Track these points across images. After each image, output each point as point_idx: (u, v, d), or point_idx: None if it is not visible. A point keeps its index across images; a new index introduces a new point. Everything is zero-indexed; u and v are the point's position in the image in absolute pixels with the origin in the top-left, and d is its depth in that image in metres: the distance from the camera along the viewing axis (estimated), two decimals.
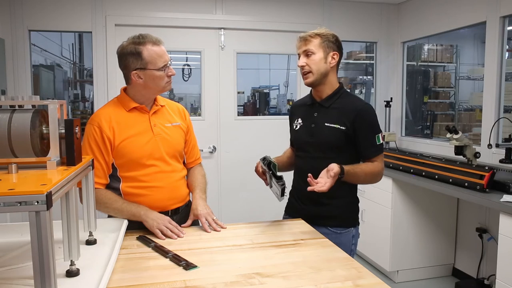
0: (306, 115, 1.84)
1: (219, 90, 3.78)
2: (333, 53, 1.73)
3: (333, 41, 1.74)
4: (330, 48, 1.73)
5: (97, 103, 3.48)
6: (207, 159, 3.71)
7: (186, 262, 1.28)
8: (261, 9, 3.78)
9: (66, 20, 3.39)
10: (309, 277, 1.19)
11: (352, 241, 1.80)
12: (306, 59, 1.73)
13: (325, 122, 1.74)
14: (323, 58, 1.72)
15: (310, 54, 1.71)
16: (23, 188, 0.86)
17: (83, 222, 1.30)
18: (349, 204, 1.82)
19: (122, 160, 1.61)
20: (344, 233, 1.77)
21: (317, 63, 1.71)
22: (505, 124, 2.99)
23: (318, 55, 1.71)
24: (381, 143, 1.75)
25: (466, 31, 5.04)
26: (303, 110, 1.87)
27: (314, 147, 1.77)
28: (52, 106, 1.06)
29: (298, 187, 1.84)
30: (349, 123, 1.70)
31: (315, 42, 1.71)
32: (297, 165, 1.89)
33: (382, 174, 1.78)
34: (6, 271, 1.14)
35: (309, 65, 1.72)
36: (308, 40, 1.72)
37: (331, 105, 1.77)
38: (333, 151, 1.73)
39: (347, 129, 1.71)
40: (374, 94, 4.25)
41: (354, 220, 1.82)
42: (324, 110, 1.77)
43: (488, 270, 2.97)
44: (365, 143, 1.73)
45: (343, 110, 1.74)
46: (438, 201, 3.24)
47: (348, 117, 1.71)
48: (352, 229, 1.79)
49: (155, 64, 1.58)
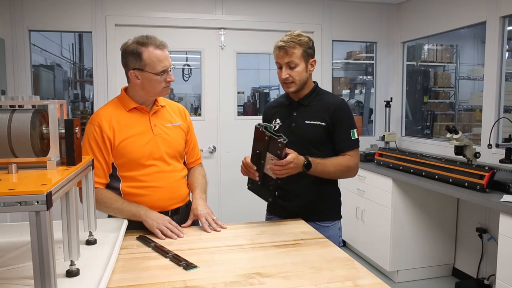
0: (284, 115, 1.87)
1: (219, 90, 3.78)
2: (312, 60, 1.78)
3: (311, 47, 1.77)
4: (309, 55, 1.76)
5: (97, 103, 3.48)
6: (207, 159, 3.71)
7: (186, 262, 1.28)
8: (261, 9, 3.78)
9: (66, 20, 3.39)
10: (309, 277, 1.19)
11: (339, 233, 1.87)
12: (289, 70, 1.74)
13: (305, 120, 1.79)
14: (305, 68, 1.76)
15: (294, 66, 1.73)
16: (23, 188, 0.86)
17: (83, 222, 1.30)
18: (333, 197, 1.88)
19: (122, 160, 1.61)
20: (332, 226, 1.83)
21: (300, 74, 1.75)
22: (505, 124, 2.99)
23: (301, 66, 1.74)
24: (356, 138, 1.79)
25: (466, 31, 5.04)
26: (280, 111, 1.90)
27: (296, 145, 1.74)
28: (52, 106, 1.06)
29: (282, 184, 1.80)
30: (328, 118, 1.76)
31: (297, 53, 1.72)
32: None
33: (357, 170, 1.82)
34: (6, 271, 1.14)
35: (292, 77, 1.74)
36: (289, 51, 1.72)
37: (309, 103, 1.82)
38: (315, 147, 1.77)
39: (327, 124, 1.76)
40: (374, 94, 4.26)
41: (339, 212, 1.89)
42: (303, 109, 1.82)
43: (488, 270, 2.97)
44: (340, 137, 1.77)
45: (321, 106, 1.79)
46: (438, 201, 3.24)
47: (327, 112, 1.76)
48: (338, 222, 1.87)
49: (153, 67, 1.57)
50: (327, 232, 1.71)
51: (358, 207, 3.56)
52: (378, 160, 3.45)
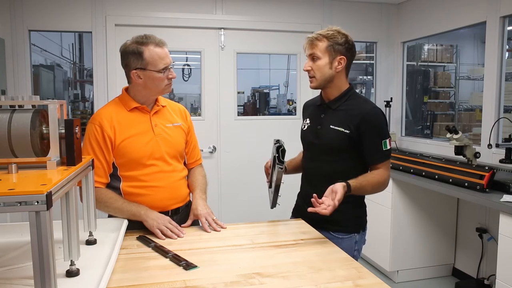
0: (314, 116, 1.81)
1: (219, 90, 3.78)
2: (340, 58, 1.65)
3: (342, 44, 1.65)
4: (337, 52, 1.65)
5: (97, 103, 3.47)
6: (207, 159, 3.70)
7: (186, 262, 1.28)
8: (261, 9, 3.78)
9: (66, 20, 3.39)
10: (309, 277, 1.19)
11: (355, 247, 1.74)
12: (311, 63, 1.67)
13: (331, 124, 1.69)
14: (328, 64, 1.65)
15: (315, 58, 1.66)
16: (23, 188, 0.86)
17: (83, 222, 1.30)
18: (351, 209, 1.72)
19: (122, 160, 1.61)
20: (346, 239, 1.71)
21: (322, 69, 1.65)
22: (505, 124, 2.99)
23: (323, 60, 1.64)
24: (389, 149, 1.67)
25: (466, 31, 5.04)
26: (312, 110, 1.84)
27: (318, 148, 1.74)
28: (52, 106, 1.06)
29: (304, 189, 1.82)
30: (354, 126, 1.64)
31: (321, 46, 1.64)
32: (303, 166, 1.86)
33: (388, 182, 1.71)
34: (6, 271, 1.14)
35: (313, 70, 1.67)
36: (314, 43, 1.65)
37: (338, 107, 1.71)
38: (336, 154, 1.69)
39: (351, 133, 1.64)
40: (374, 94, 4.25)
41: (358, 226, 1.76)
42: (331, 112, 1.72)
43: (488, 270, 2.97)
44: (370, 149, 1.65)
45: (349, 113, 1.67)
46: (438, 201, 3.24)
47: (353, 120, 1.64)
48: (355, 235, 1.73)
49: (155, 65, 1.58)
50: (340, 244, 1.56)
51: None
52: None
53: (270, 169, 1.79)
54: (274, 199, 1.72)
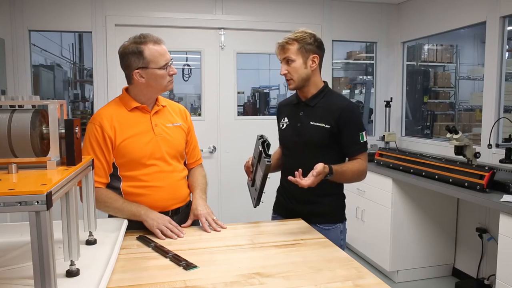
0: (292, 114, 1.87)
1: (219, 90, 3.78)
2: (313, 56, 1.74)
3: (311, 43, 1.74)
4: (309, 51, 1.73)
5: (97, 103, 3.48)
6: (207, 159, 3.70)
7: (186, 262, 1.28)
8: (261, 9, 3.78)
9: (66, 20, 3.39)
10: (309, 277, 1.20)
11: (341, 237, 1.85)
12: (286, 66, 1.75)
13: (310, 121, 1.77)
14: (303, 64, 1.74)
15: (290, 61, 1.73)
16: (23, 188, 0.86)
17: (83, 222, 1.30)
18: (335, 201, 1.86)
19: (123, 160, 1.61)
20: (332, 229, 1.81)
21: (298, 70, 1.74)
22: (505, 124, 2.99)
23: (298, 61, 1.73)
24: (365, 141, 1.77)
25: (466, 31, 5.04)
26: (289, 109, 1.90)
27: (300, 145, 1.80)
28: (52, 106, 1.06)
29: (285, 185, 1.86)
30: (334, 121, 1.73)
31: (293, 48, 1.72)
32: (284, 164, 1.92)
33: (366, 172, 1.81)
34: (6, 271, 1.14)
35: (290, 73, 1.75)
36: (285, 47, 1.73)
37: (316, 104, 1.80)
38: (318, 149, 1.76)
39: (332, 128, 1.73)
40: (374, 94, 4.26)
41: (341, 215, 1.87)
42: (310, 109, 1.80)
43: (488, 270, 2.97)
44: (349, 141, 1.75)
45: (327, 108, 1.76)
46: (438, 201, 3.24)
47: (333, 115, 1.73)
48: (339, 225, 1.84)
49: (157, 62, 1.58)
50: (327, 235, 1.66)
51: (358, 207, 3.56)
52: (378, 160, 3.45)
53: (252, 167, 1.81)
54: (258, 197, 1.73)
